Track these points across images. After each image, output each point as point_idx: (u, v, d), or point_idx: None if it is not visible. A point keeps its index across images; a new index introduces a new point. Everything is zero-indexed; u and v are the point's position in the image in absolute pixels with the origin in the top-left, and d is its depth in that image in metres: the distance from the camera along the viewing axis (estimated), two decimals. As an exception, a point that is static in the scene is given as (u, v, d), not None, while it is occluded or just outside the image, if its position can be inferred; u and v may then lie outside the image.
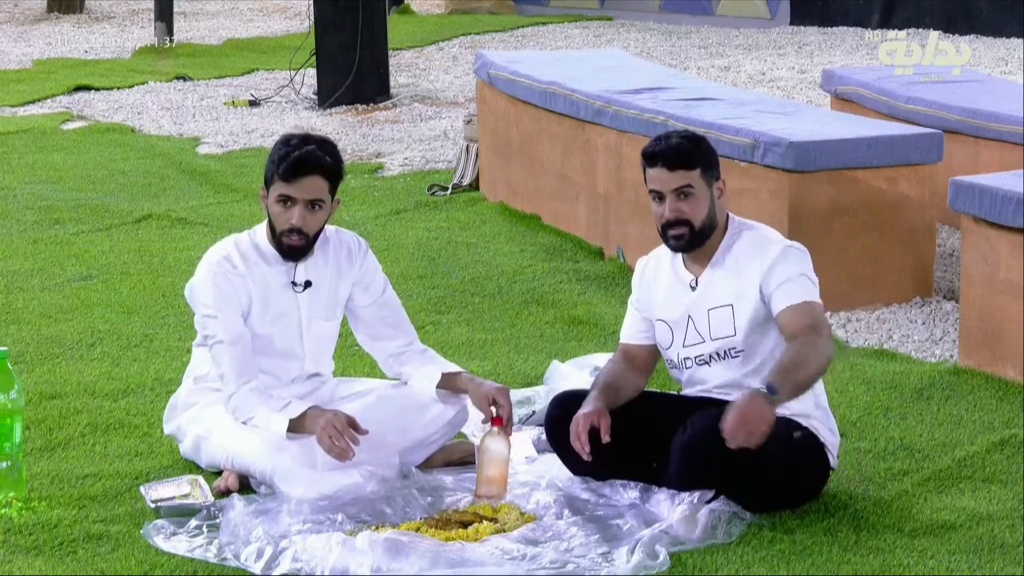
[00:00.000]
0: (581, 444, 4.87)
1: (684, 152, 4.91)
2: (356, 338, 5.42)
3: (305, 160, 5.06)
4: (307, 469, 4.94)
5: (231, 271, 5.15)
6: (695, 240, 4.94)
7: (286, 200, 5.08)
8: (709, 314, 4.93)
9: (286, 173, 5.06)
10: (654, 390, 5.30)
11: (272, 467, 4.97)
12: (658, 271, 5.06)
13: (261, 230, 5.24)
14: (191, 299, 5.25)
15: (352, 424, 4.95)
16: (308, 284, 5.22)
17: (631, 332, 5.14)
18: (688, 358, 5.00)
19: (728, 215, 5.03)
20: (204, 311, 5.16)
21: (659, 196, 4.92)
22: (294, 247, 5.14)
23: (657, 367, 5.20)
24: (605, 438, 4.86)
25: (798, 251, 4.95)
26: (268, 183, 5.12)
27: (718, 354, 4.94)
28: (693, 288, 4.98)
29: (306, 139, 5.14)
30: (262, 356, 5.17)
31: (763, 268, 4.89)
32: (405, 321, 5.39)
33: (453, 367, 5.34)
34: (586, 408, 4.91)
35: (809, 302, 4.85)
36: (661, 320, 5.04)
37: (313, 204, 5.10)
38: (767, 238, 4.98)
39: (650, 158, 4.93)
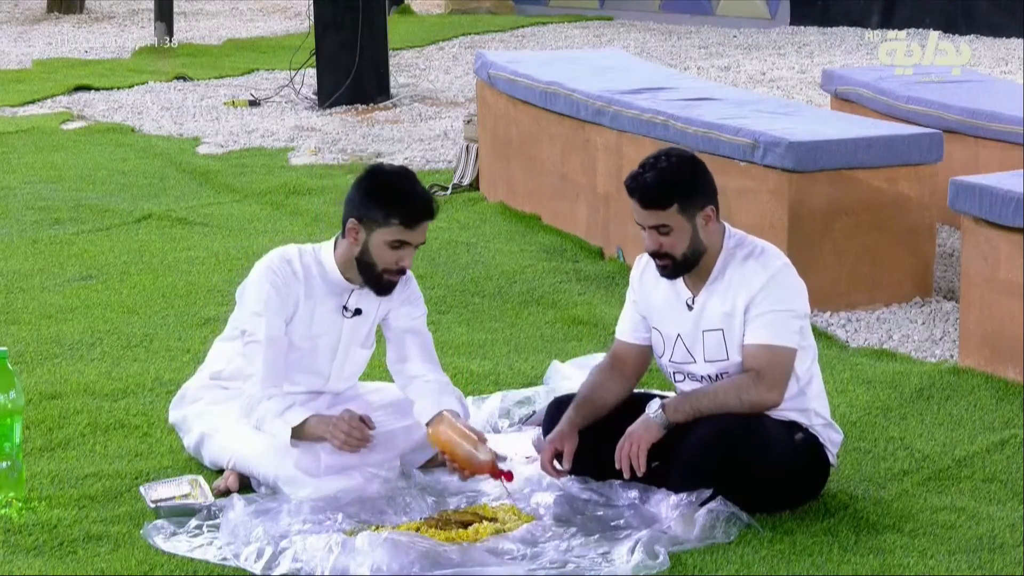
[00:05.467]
0: (549, 471, 4.91)
1: (658, 191, 4.79)
2: (387, 360, 5.33)
3: (429, 209, 5.01)
4: (310, 476, 4.94)
5: (289, 275, 5.11)
6: (680, 269, 4.89)
7: (401, 244, 5.03)
8: (704, 335, 4.91)
9: (410, 219, 4.98)
10: (653, 391, 5.30)
11: (275, 472, 4.97)
12: (658, 280, 4.99)
13: (327, 249, 5.17)
14: (240, 296, 5.20)
15: (363, 419, 4.96)
16: (358, 312, 5.21)
17: (628, 329, 5.10)
18: (679, 372, 4.99)
19: (725, 231, 4.93)
20: (252, 307, 5.10)
21: (641, 226, 4.89)
22: (394, 284, 5.12)
23: (652, 367, 5.19)
24: (566, 465, 4.89)
25: (787, 278, 4.87)
26: (375, 221, 5.00)
27: (710, 377, 4.92)
28: (690, 307, 4.94)
29: (409, 177, 5.06)
30: (288, 367, 5.15)
31: (750, 295, 4.84)
32: (433, 355, 5.29)
33: (441, 408, 5.12)
34: (555, 430, 4.93)
35: (771, 346, 4.81)
36: (656, 329, 5.03)
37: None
38: (761, 260, 4.88)
39: (628, 190, 4.86)
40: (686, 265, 4.88)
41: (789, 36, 16.38)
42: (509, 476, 4.91)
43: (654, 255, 4.89)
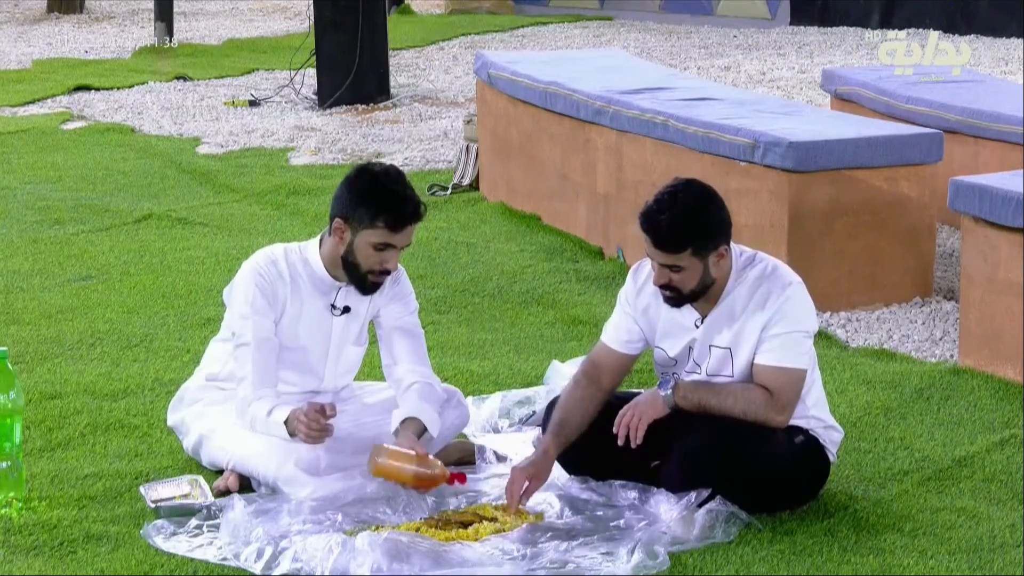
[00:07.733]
0: (511, 496, 4.83)
1: (673, 237, 4.76)
2: (381, 361, 5.33)
3: (416, 213, 5.00)
4: (310, 476, 4.94)
5: (275, 276, 5.12)
6: (687, 300, 4.88)
7: (386, 246, 5.03)
8: (711, 350, 4.91)
9: (395, 223, 4.98)
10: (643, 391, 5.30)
11: (275, 472, 4.97)
12: (659, 298, 4.94)
13: (312, 248, 5.18)
14: (228, 298, 5.21)
15: (323, 409, 4.93)
16: (347, 310, 5.20)
17: (619, 338, 5.05)
18: None
19: (732, 253, 4.90)
20: (239, 310, 5.12)
21: (651, 257, 4.87)
22: (378, 284, 5.12)
23: (648, 367, 5.18)
24: (524, 502, 4.82)
25: (800, 298, 4.86)
26: (360, 222, 5.00)
27: None
28: (697, 326, 4.93)
29: (398, 179, 5.03)
30: (283, 368, 5.16)
31: (765, 318, 4.83)
32: (423, 354, 5.27)
33: (414, 418, 5.11)
34: (530, 459, 4.90)
35: (784, 368, 4.81)
36: (660, 349, 5.02)
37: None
38: (772, 281, 4.87)
39: (642, 228, 4.82)
40: (693, 297, 4.87)
41: (789, 36, 16.37)
42: (463, 478, 4.92)
43: (661, 287, 4.88)
